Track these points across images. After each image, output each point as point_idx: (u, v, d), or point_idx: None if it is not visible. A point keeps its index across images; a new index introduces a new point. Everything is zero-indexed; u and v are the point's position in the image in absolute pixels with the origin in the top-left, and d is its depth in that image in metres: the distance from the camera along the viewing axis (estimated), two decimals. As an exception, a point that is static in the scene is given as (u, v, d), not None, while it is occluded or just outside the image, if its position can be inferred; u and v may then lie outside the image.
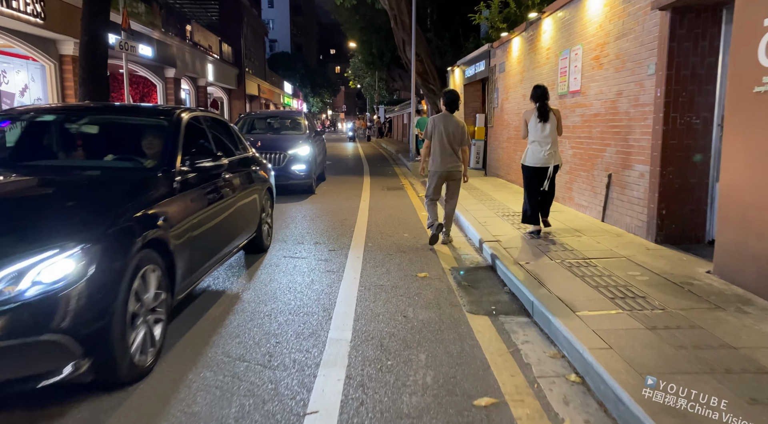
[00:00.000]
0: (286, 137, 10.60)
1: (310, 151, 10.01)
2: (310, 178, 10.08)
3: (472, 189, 10.12)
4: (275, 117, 12.88)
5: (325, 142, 13.59)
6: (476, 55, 13.91)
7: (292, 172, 9.63)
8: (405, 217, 8.06)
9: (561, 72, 7.98)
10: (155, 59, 18.00)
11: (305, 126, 11.55)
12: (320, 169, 11.86)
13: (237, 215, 4.61)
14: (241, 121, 11.78)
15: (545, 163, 5.74)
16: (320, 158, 11.61)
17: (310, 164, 9.91)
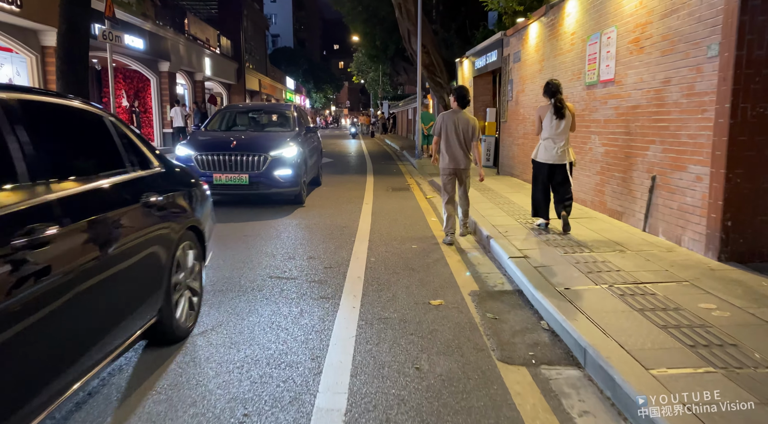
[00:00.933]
0: (268, 136, 8.82)
1: (297, 152, 8.18)
2: (298, 186, 8.23)
3: (485, 190, 9.20)
4: (258, 111, 10.90)
5: (320, 140, 11.62)
6: (487, 45, 12.95)
7: (274, 178, 7.83)
8: (412, 222, 7.15)
9: (589, 59, 7.04)
10: (147, 52, 17.13)
11: (294, 122, 9.66)
12: (314, 173, 10.19)
13: (100, 292, 2.37)
14: (218, 116, 10.09)
15: (559, 160, 5.65)
16: (313, 160, 9.91)
17: (297, 168, 8.09)
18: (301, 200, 8.53)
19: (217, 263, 5.00)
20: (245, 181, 7.72)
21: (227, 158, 7.76)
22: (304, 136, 9.24)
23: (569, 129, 5.64)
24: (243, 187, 7.76)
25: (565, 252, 4.93)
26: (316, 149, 10.48)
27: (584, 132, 7.24)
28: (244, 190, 7.86)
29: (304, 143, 9.00)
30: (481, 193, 8.80)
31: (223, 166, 7.76)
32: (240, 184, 7.72)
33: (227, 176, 7.71)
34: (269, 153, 7.85)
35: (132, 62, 17.35)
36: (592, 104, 6.99)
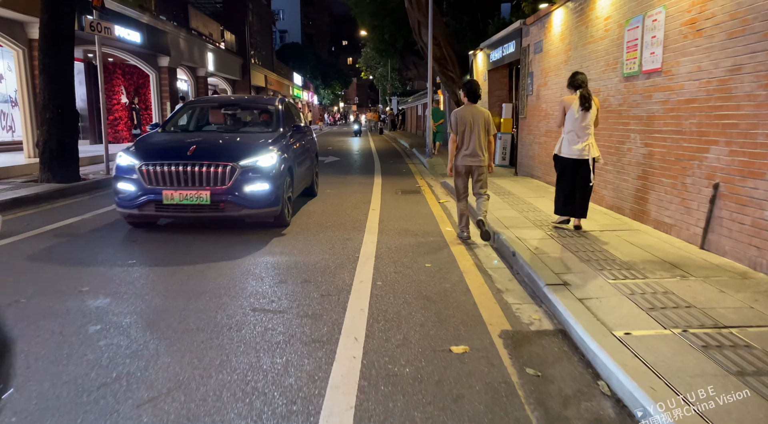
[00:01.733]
0: (242, 138, 6.81)
1: (278, 160, 6.20)
2: (279, 205, 6.16)
3: (504, 194, 8.31)
4: (234, 105, 8.53)
5: (315, 141, 9.58)
6: (504, 35, 12.03)
7: (245, 196, 5.84)
8: (425, 233, 6.30)
9: (629, 47, 6.13)
10: (145, 46, 16.36)
11: (278, 119, 7.51)
12: (306, 183, 8.23)
13: None
14: (181, 113, 7.87)
15: (583, 155, 5.40)
16: (304, 167, 7.89)
17: (277, 181, 6.09)
18: (284, 222, 6.49)
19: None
20: (205, 200, 5.73)
21: (182, 170, 5.76)
22: (291, 137, 7.26)
23: (593, 123, 5.43)
24: (203, 208, 5.78)
25: (614, 277, 4.05)
26: (308, 154, 8.36)
27: (621, 130, 6.34)
28: (204, 213, 5.85)
29: (291, 147, 7.03)
30: (501, 198, 7.92)
31: (176, 180, 5.77)
32: (199, 204, 5.74)
33: (181, 194, 5.72)
34: (239, 162, 5.87)
35: (129, 57, 16.59)
36: (631, 98, 6.08)
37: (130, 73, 19.76)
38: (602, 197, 6.93)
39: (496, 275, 4.67)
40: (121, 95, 19.38)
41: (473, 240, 5.91)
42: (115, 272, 4.70)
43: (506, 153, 13.48)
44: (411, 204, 8.43)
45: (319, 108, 72.71)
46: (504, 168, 12.84)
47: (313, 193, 9.02)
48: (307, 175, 8.33)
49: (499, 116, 13.87)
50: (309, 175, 8.50)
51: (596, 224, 5.92)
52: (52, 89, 9.43)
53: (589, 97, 5.35)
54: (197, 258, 5.14)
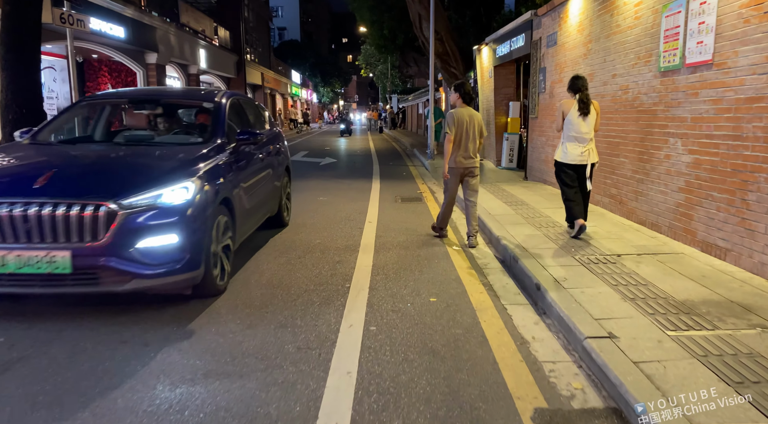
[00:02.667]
0: (142, 158, 4.36)
1: (194, 193, 3.84)
2: (198, 267, 3.79)
3: (517, 204, 7.42)
4: (149, 103, 5.64)
5: (286, 154, 6.86)
6: (512, 28, 11.13)
7: (133, 257, 3.51)
8: (428, 254, 5.41)
9: (667, 36, 5.24)
10: (130, 42, 15.46)
11: (217, 125, 4.90)
12: (264, 215, 5.81)
13: None
14: (71, 114, 5.44)
15: (583, 161, 5.32)
16: (260, 194, 5.42)
17: (193, 228, 3.77)
18: (211, 291, 4.06)
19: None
20: (64, 267, 3.38)
21: (20, 214, 3.41)
22: (234, 152, 4.77)
23: (594, 128, 5.32)
24: (61, 279, 3.45)
25: (673, 326, 3.16)
26: (270, 172, 5.81)
27: (657, 134, 5.45)
28: (64, 287, 3.54)
29: (232, 167, 4.59)
30: (513, 210, 7.03)
31: (10, 231, 3.42)
32: (52, 273, 3.40)
33: (20, 256, 3.38)
34: (124, 199, 3.53)
35: (114, 53, 15.70)
36: (670, 96, 5.19)
37: (117, 71, 18.84)
38: (632, 211, 6.04)
39: (518, 316, 3.78)
40: (107, 94, 18.48)
41: (485, 261, 5.04)
42: None
43: (513, 155, 12.59)
44: (412, 215, 7.54)
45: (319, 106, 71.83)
46: (511, 171, 11.95)
47: (281, 222, 6.48)
48: (269, 202, 5.87)
49: (505, 115, 12.99)
50: (272, 202, 5.99)
51: (630, 246, 5.03)
52: (16, 87, 8.52)
53: (588, 101, 5.23)
54: (56, 390, 2.74)
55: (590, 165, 5.32)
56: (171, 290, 3.84)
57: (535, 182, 9.75)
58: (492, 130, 13.44)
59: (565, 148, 5.37)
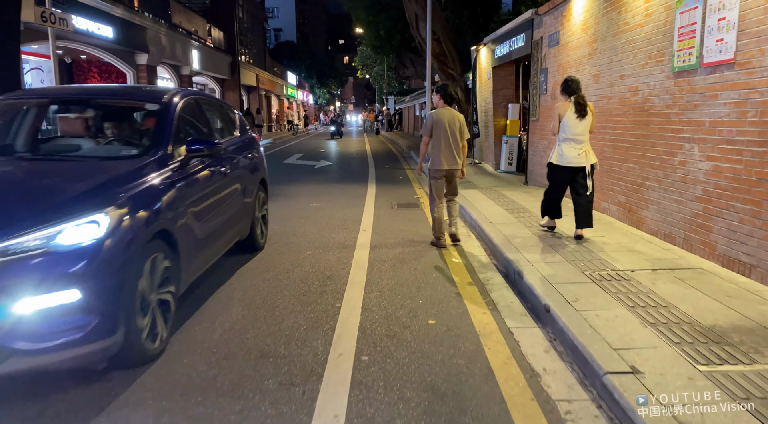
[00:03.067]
0: (45, 180, 3.28)
1: (110, 228, 2.77)
2: (113, 334, 2.72)
3: (518, 211, 7.06)
4: (82, 103, 4.40)
5: (259, 166, 5.63)
6: (512, 28, 10.78)
7: (13, 327, 2.46)
8: (426, 267, 5.04)
9: (682, 34, 4.88)
10: (120, 42, 15.06)
11: (162, 133, 3.81)
12: (230, 241, 4.76)
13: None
14: None
15: (580, 163, 5.28)
16: (222, 218, 4.32)
17: (105, 280, 2.69)
18: (134, 361, 3.01)
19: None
20: None
21: None
22: (184, 167, 3.75)
23: (590, 129, 5.31)
24: None
25: (705, 359, 2.79)
26: (238, 187, 4.75)
27: (670, 139, 5.09)
28: None
29: (180, 188, 3.57)
30: (515, 217, 6.67)
31: None
32: None
33: None
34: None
35: (103, 54, 15.29)
36: (685, 98, 4.84)
37: (108, 72, 18.43)
38: (642, 220, 5.68)
39: (526, 342, 3.41)
40: (97, 95, 18.06)
41: (487, 275, 4.67)
42: None
43: (513, 158, 12.24)
44: (409, 223, 7.17)
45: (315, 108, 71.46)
46: (511, 175, 11.60)
47: (253, 246, 5.39)
48: (237, 225, 4.76)
49: (504, 118, 12.64)
50: (241, 223, 4.89)
51: (644, 259, 4.67)
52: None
53: (585, 103, 5.23)
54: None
55: (590, 167, 5.29)
56: (73, 365, 2.75)
57: (536, 187, 9.39)
58: (490, 133, 13.09)
59: (560, 150, 5.33)
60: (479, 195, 8.64)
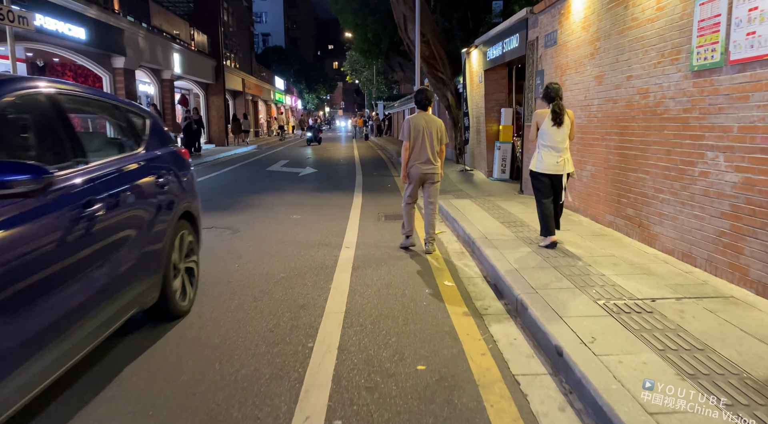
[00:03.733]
0: None
1: None
2: None
3: (515, 225, 6.46)
4: None
5: (175, 195, 3.85)
6: (505, 28, 10.24)
7: None
8: (415, 294, 4.42)
9: (702, 28, 4.32)
10: (93, 44, 14.34)
11: None
12: (85, 343, 2.65)
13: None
14: None
15: (558, 170, 5.25)
16: (81, 293, 2.59)
17: None
18: None
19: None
20: None
21: None
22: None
23: (569, 137, 5.27)
24: None
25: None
26: (131, 234, 3.15)
27: (688, 146, 4.52)
28: None
29: None
30: (512, 230, 6.07)
31: None
32: None
33: None
34: None
35: (75, 56, 14.55)
36: (707, 101, 4.27)
37: (84, 76, 17.68)
38: (655, 236, 5.11)
39: (536, 396, 2.80)
40: (72, 100, 17.28)
41: (485, 303, 4.06)
42: None
43: (506, 165, 11.68)
44: (396, 238, 6.55)
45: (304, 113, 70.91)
46: (504, 183, 11.03)
47: (168, 313, 3.73)
48: (131, 290, 3.14)
49: (497, 123, 12.09)
50: (144, 284, 3.29)
51: (664, 285, 4.08)
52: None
53: (561, 111, 5.16)
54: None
55: (566, 175, 5.28)
56: None
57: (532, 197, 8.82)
58: (482, 139, 12.53)
59: (540, 157, 5.30)
60: (472, 206, 8.05)
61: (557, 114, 5.14)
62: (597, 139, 6.40)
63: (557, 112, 5.14)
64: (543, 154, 5.27)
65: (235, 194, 10.43)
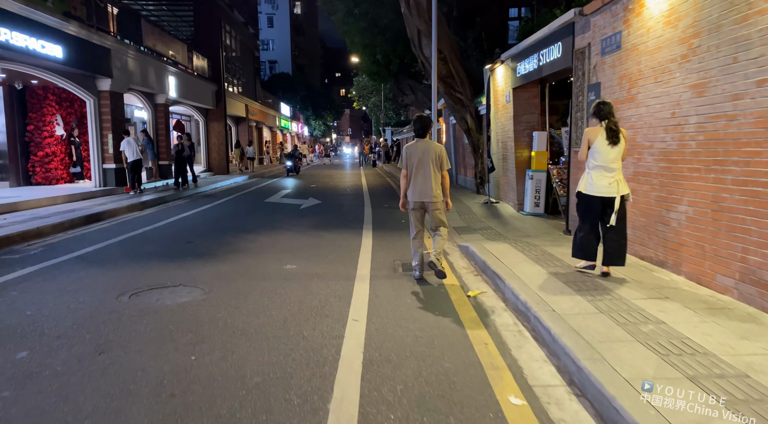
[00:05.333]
0: None
1: None
2: None
3: (583, 285, 4.70)
4: None
5: None
6: (542, 38, 8.66)
7: None
8: (459, 399, 2.67)
9: None
10: (73, 64, 12.92)
11: None
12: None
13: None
14: None
15: (611, 193, 4.88)
16: None
17: None
18: None
19: None
20: None
21: None
22: None
23: (621, 156, 4.90)
24: None
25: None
26: None
27: None
28: None
29: None
30: (575, 289, 4.31)
31: None
32: None
33: None
34: None
35: (54, 77, 13.12)
36: None
37: (69, 100, 16.30)
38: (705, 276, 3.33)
39: None
40: (55, 126, 15.87)
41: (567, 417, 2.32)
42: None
43: (540, 198, 9.99)
44: (424, 304, 4.81)
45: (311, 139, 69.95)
46: (539, 219, 9.32)
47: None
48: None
49: (528, 148, 10.43)
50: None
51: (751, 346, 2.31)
52: None
53: (617, 129, 4.85)
54: None
55: (620, 197, 4.88)
56: None
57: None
58: (510, 167, 10.87)
59: (590, 178, 4.98)
60: (513, 253, 6.32)
61: (613, 132, 4.83)
62: (696, 171, 4.70)
63: (613, 129, 4.83)
64: (594, 175, 4.95)
65: (221, 234, 8.77)
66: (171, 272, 6.13)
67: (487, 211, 10.66)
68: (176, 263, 6.55)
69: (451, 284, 5.53)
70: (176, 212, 11.65)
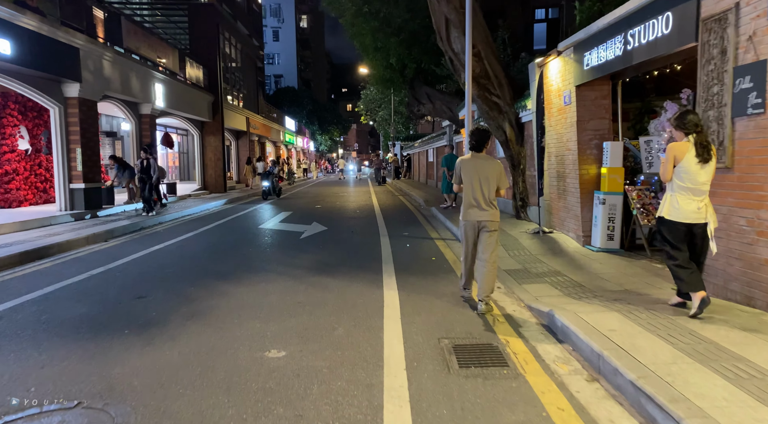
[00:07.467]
0: None
1: None
2: None
3: None
4: None
5: None
6: (637, 8, 6.28)
7: None
8: None
9: None
10: (28, 64, 10.66)
11: None
12: None
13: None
14: None
15: (700, 219, 4.30)
16: None
17: None
18: None
19: None
20: None
21: None
22: None
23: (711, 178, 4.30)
24: None
25: None
26: None
27: None
28: None
29: None
30: None
31: None
32: None
33: None
34: None
35: (6, 80, 10.87)
36: None
37: (37, 110, 14.13)
38: None
39: None
40: (17, 140, 13.64)
41: None
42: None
43: (615, 229, 7.55)
44: None
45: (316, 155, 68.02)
46: (618, 257, 6.88)
47: None
48: None
49: (597, 164, 8.02)
50: None
51: None
52: None
53: (709, 145, 4.26)
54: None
55: (712, 224, 4.28)
56: None
57: (728, 302, 4.60)
58: (570, 188, 8.46)
59: (675, 202, 4.37)
60: (637, 331, 3.84)
61: (705, 148, 4.21)
62: None
63: (704, 145, 4.21)
64: (679, 199, 4.34)
65: (189, 281, 6.37)
66: (84, 365, 3.75)
67: (541, 244, 8.21)
68: (103, 343, 4.18)
69: (537, 381, 3.07)
70: (148, 244, 9.28)
